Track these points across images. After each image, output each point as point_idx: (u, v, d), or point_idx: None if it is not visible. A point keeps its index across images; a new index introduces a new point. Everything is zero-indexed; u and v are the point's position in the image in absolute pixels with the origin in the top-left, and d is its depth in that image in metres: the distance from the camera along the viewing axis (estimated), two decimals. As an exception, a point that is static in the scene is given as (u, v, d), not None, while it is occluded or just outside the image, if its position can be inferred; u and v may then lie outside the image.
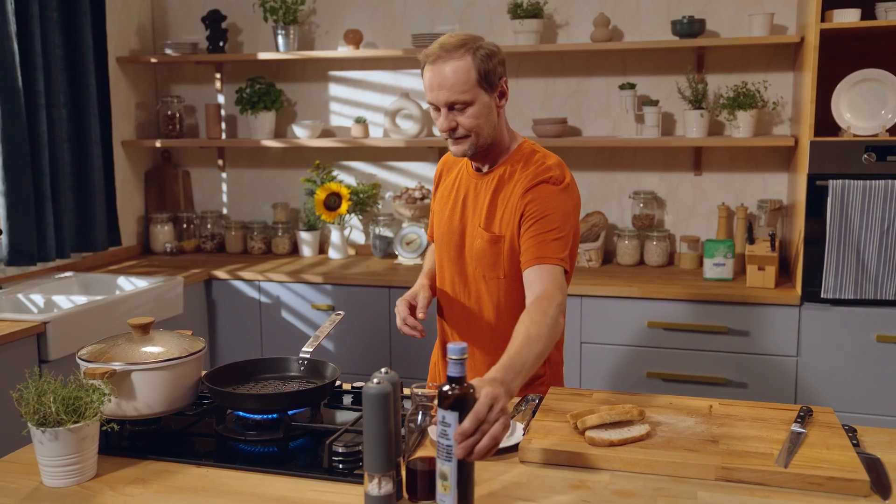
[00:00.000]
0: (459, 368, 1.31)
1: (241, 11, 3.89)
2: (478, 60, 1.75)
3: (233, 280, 3.47)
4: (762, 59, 3.35)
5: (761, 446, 1.51)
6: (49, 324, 2.62)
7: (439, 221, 1.97)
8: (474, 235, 1.88)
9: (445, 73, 1.74)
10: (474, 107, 1.77)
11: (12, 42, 3.03)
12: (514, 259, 1.83)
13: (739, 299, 2.94)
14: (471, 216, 1.89)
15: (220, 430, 1.67)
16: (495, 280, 1.86)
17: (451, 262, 1.94)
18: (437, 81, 1.75)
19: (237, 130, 4.00)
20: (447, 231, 1.94)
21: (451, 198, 1.95)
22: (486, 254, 1.85)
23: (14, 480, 1.48)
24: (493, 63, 1.77)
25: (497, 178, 1.86)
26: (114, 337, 1.70)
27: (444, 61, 1.74)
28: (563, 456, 1.50)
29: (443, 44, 1.76)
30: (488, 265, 1.86)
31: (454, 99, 1.75)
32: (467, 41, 1.76)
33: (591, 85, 3.54)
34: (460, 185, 1.94)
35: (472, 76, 1.74)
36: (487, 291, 1.88)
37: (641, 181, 3.55)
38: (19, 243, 3.11)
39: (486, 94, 1.78)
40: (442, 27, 3.66)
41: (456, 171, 1.99)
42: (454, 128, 1.79)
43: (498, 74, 1.79)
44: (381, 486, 1.31)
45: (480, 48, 1.76)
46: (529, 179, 1.81)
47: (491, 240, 1.84)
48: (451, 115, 1.78)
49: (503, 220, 1.83)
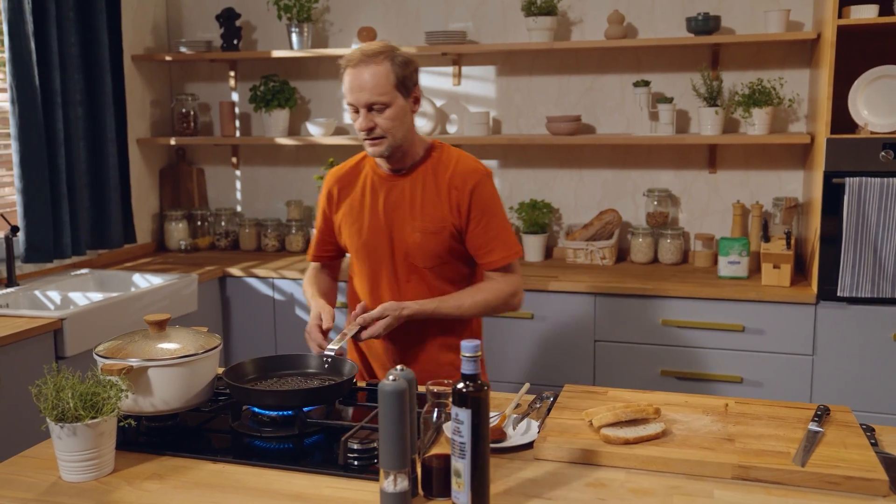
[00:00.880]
0: (473, 366, 1.32)
1: (256, 9, 3.90)
2: (396, 66, 1.89)
3: (247, 277, 3.48)
4: (778, 55, 3.32)
5: (778, 445, 1.50)
6: (66, 320, 2.63)
7: (357, 231, 2.04)
8: (408, 231, 1.98)
9: (366, 76, 1.87)
10: (392, 109, 1.90)
11: (29, 41, 3.05)
12: (452, 245, 1.99)
13: (755, 297, 2.92)
14: (399, 214, 1.99)
15: (235, 426, 1.67)
16: (430, 268, 2.00)
17: (380, 263, 2.03)
18: (359, 84, 1.88)
19: (251, 128, 4.02)
20: (371, 237, 2.02)
21: (367, 205, 2.03)
22: (423, 246, 1.98)
23: (33, 475, 1.49)
24: (409, 70, 1.92)
25: (421, 174, 2.00)
26: (130, 333, 1.71)
27: (365, 65, 1.88)
28: (578, 454, 1.50)
29: (364, 50, 1.90)
30: (427, 256, 1.99)
31: (374, 100, 1.88)
32: (386, 49, 1.91)
33: (605, 82, 3.53)
34: (374, 191, 2.03)
35: (390, 80, 1.88)
36: (422, 280, 2.01)
37: (655, 179, 3.54)
38: (36, 240, 3.13)
39: (402, 98, 1.92)
40: (455, 24, 3.65)
41: (360, 182, 2.06)
42: (372, 128, 1.90)
43: (413, 81, 1.94)
44: (397, 482, 1.31)
45: (398, 56, 1.91)
46: (464, 176, 1.97)
47: (430, 231, 1.97)
48: (370, 116, 1.90)
49: (439, 211, 1.97)
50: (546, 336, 3.15)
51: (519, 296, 2.05)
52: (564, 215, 3.66)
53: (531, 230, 3.53)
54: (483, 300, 2.00)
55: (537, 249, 3.53)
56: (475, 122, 3.53)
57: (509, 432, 1.61)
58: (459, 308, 1.98)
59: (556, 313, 3.13)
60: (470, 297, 1.99)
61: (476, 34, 3.64)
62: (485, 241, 1.99)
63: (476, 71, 3.68)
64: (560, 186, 3.64)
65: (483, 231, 1.98)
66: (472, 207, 1.97)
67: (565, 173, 3.63)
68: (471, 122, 3.54)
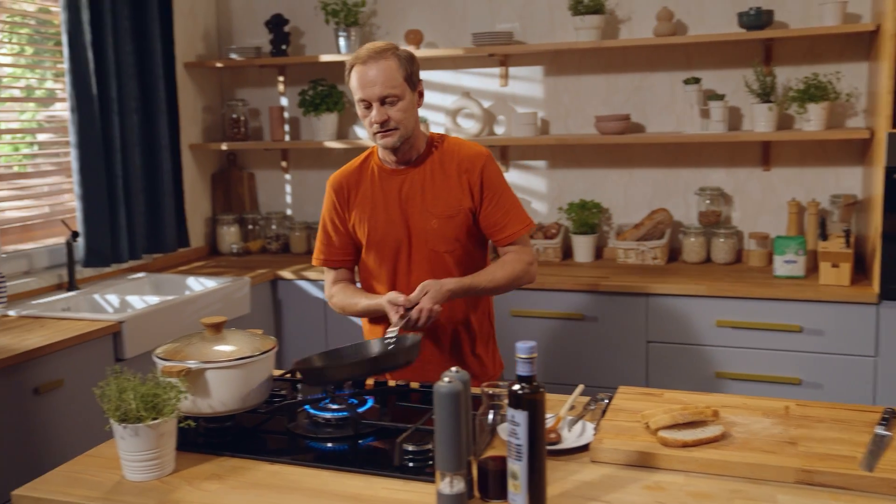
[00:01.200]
0: (529, 367, 1.31)
1: (303, 14, 3.94)
2: (402, 62, 1.99)
3: (298, 280, 3.52)
4: (834, 49, 3.24)
5: (843, 449, 1.46)
6: (124, 323, 2.70)
7: (373, 227, 2.10)
8: (424, 219, 2.06)
9: (377, 71, 1.96)
10: (403, 101, 1.99)
11: (87, 51, 3.14)
12: (468, 227, 2.08)
13: (813, 297, 2.85)
14: (413, 204, 2.07)
15: (291, 427, 1.69)
16: (449, 253, 2.07)
17: (398, 255, 2.09)
18: (370, 79, 1.96)
19: (300, 132, 4.06)
20: (388, 230, 2.09)
21: (380, 200, 2.10)
22: (442, 231, 2.06)
23: (98, 474, 1.53)
24: (414, 66, 2.03)
25: (429, 165, 2.08)
26: (188, 336, 1.74)
27: (374, 61, 1.97)
28: (635, 456, 1.48)
29: (371, 48, 1.99)
30: (446, 240, 2.07)
31: (387, 93, 1.96)
32: (391, 46, 2.01)
33: (654, 80, 3.49)
34: (384, 186, 2.10)
35: (400, 74, 1.98)
36: (441, 268, 2.07)
37: (707, 177, 3.48)
38: (95, 245, 3.21)
39: (410, 92, 2.01)
40: (502, 25, 3.65)
41: (367, 180, 2.13)
42: (386, 120, 1.98)
43: (417, 76, 2.04)
44: (453, 484, 1.31)
45: (402, 52, 2.02)
46: (471, 159, 2.06)
47: (446, 216, 2.05)
48: (383, 109, 1.98)
49: (452, 196, 2.06)
50: (597, 337, 3.12)
51: (535, 265, 2.14)
52: (614, 215, 3.62)
53: (581, 230, 3.50)
54: (512, 271, 2.07)
55: (587, 250, 3.50)
56: (523, 123, 3.52)
57: (564, 434, 1.60)
58: (493, 281, 2.05)
59: (607, 314, 3.10)
60: (501, 270, 2.07)
61: (523, 34, 3.63)
62: (500, 217, 2.08)
63: (523, 71, 3.67)
64: (610, 186, 3.61)
65: (496, 207, 2.07)
66: (484, 186, 2.06)
67: (615, 173, 3.60)
68: (518, 123, 3.53)
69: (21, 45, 3.27)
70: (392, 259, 2.10)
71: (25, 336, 2.52)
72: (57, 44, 3.28)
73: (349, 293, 2.14)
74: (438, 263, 2.07)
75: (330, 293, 2.19)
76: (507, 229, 2.08)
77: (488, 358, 2.20)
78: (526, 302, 3.18)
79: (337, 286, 2.18)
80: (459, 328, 2.14)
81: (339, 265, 2.19)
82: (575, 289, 3.12)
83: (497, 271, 2.06)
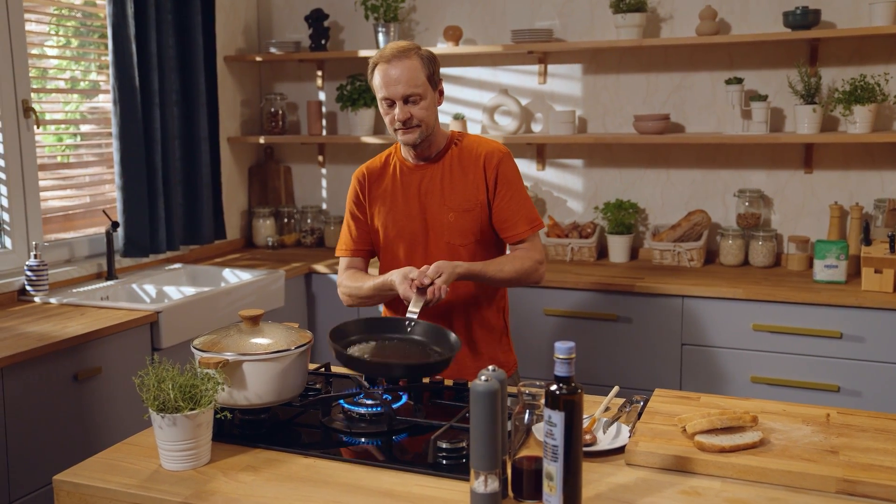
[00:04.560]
0: (567, 368, 1.30)
1: (343, 10, 3.96)
2: (425, 62, 2.05)
3: (332, 274, 3.54)
4: (883, 50, 3.17)
5: (887, 460, 1.43)
6: (161, 313, 2.73)
7: (392, 220, 2.15)
8: (442, 213, 2.11)
9: (401, 70, 2.01)
10: (425, 100, 2.05)
11: (131, 43, 3.18)
12: (483, 221, 2.12)
13: (854, 303, 2.79)
14: (432, 199, 2.12)
15: (325, 421, 1.70)
16: (465, 246, 2.12)
17: (415, 248, 2.14)
18: (395, 78, 2.01)
19: (337, 127, 4.08)
20: (406, 224, 2.14)
21: (400, 195, 2.15)
22: (458, 224, 2.11)
23: (136, 462, 1.55)
24: (435, 66, 2.09)
25: (448, 161, 2.13)
26: (225, 328, 1.75)
27: (399, 60, 2.02)
28: (671, 460, 1.46)
29: (395, 48, 2.04)
30: (463, 233, 2.11)
31: (410, 92, 2.02)
32: (413, 46, 2.06)
33: (695, 80, 3.44)
34: (405, 181, 2.15)
35: (422, 74, 2.04)
36: (458, 257, 2.10)
37: (747, 179, 3.43)
38: (134, 236, 3.26)
39: (431, 91, 2.07)
40: (542, 23, 3.62)
41: (388, 174, 2.18)
42: (409, 118, 2.03)
43: (438, 76, 2.10)
44: (488, 483, 1.30)
45: (424, 52, 2.07)
46: (490, 154, 2.11)
47: (463, 209, 2.10)
48: (406, 108, 2.03)
49: (470, 191, 2.10)
50: (631, 338, 3.09)
51: (545, 265, 2.16)
52: (651, 216, 3.58)
53: (616, 230, 3.47)
54: (520, 266, 2.10)
55: (622, 250, 3.47)
56: (560, 121, 3.50)
57: (599, 436, 1.59)
58: (501, 272, 2.08)
59: (642, 315, 3.07)
60: (509, 263, 2.10)
61: (562, 32, 3.60)
62: (511, 213, 2.12)
63: (562, 69, 3.64)
64: (647, 186, 3.57)
65: (508, 202, 2.11)
66: (499, 181, 2.11)
67: (652, 173, 3.56)
68: (556, 121, 3.51)
69: (67, 38, 3.32)
70: (409, 252, 2.15)
71: (66, 323, 2.57)
72: (102, 36, 3.33)
73: (357, 277, 2.18)
74: (454, 257, 2.11)
75: (339, 280, 2.21)
76: (518, 227, 2.12)
77: (502, 354, 2.21)
78: (559, 301, 3.16)
79: (346, 273, 2.20)
80: (473, 323, 2.16)
81: (355, 255, 2.22)
82: (609, 289, 3.10)
83: (506, 264, 2.10)
